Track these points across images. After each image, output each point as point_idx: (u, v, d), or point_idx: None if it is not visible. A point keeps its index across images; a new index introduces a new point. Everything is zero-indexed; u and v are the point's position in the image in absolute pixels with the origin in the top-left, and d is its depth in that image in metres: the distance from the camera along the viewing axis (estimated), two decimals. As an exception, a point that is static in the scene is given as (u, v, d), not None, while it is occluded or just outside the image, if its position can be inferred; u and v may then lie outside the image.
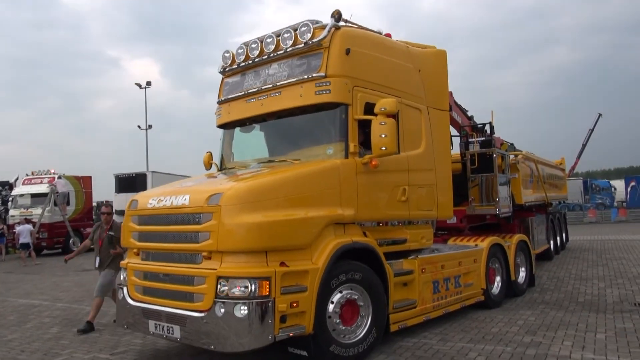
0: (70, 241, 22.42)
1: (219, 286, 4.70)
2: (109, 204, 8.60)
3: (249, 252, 4.80)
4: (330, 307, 5.17)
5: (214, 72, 7.05)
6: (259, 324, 4.57)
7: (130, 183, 28.94)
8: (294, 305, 4.77)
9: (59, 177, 23.82)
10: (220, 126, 6.99)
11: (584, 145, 45.80)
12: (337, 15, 5.84)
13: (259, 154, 6.76)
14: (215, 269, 4.76)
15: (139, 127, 42.36)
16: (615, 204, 43.78)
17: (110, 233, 7.63)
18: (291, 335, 4.78)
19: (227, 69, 6.74)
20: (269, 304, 4.61)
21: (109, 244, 7.62)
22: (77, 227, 23.47)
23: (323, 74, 5.70)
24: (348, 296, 5.35)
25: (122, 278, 5.94)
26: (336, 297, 5.24)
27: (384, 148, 5.47)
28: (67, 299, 10.38)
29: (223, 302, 4.64)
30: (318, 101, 5.77)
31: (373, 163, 5.70)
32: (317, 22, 5.95)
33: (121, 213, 26.20)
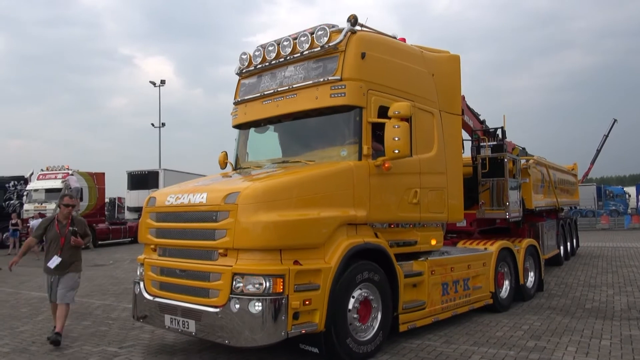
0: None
1: (234, 282, 4.83)
2: (72, 196, 7.20)
3: (264, 250, 4.92)
4: (351, 302, 5.35)
5: (228, 71, 7.36)
6: (273, 320, 4.68)
7: (143, 180, 29.33)
8: (307, 302, 4.89)
9: (72, 173, 24.15)
10: (235, 126, 7.11)
11: (598, 151, 45.29)
12: (353, 20, 5.97)
13: (272, 154, 6.87)
14: (231, 266, 4.89)
15: (153, 125, 42.84)
16: (629, 210, 43.19)
17: (74, 228, 6.60)
18: (303, 332, 4.89)
19: (244, 71, 6.85)
20: (283, 301, 4.73)
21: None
22: (90, 223, 23.65)
23: (339, 77, 5.82)
24: (365, 294, 5.52)
25: (138, 273, 6.10)
26: (357, 293, 5.40)
27: (396, 151, 5.61)
28: (78, 293, 10.47)
29: (238, 298, 4.77)
30: (333, 104, 5.88)
31: (386, 165, 5.81)
32: (333, 25, 6.06)
33: (133, 210, 26.49)
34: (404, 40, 7.07)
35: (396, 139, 5.56)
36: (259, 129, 6.96)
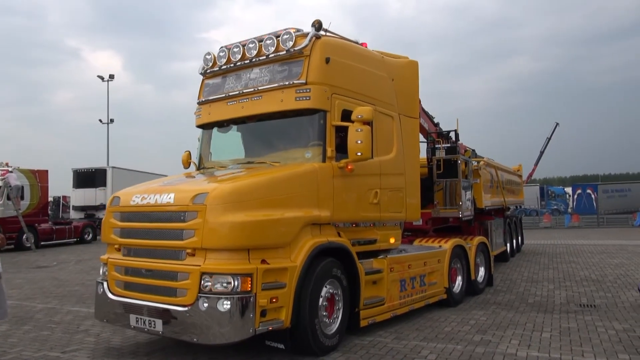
0: (24, 237, 21.62)
1: (202, 282, 4.89)
2: None
3: (232, 249, 4.99)
4: (319, 298, 5.53)
5: (180, 67, 7.33)
6: (241, 317, 4.79)
7: (89, 178, 28.24)
8: (274, 300, 5.03)
9: (12, 171, 22.93)
10: (199, 126, 7.14)
11: (541, 153, 47.35)
12: (317, 25, 6.14)
13: (235, 154, 6.97)
14: (200, 265, 4.94)
15: (101, 121, 41.36)
16: (570, 210, 45.49)
17: None
18: (270, 329, 5.02)
19: (208, 71, 6.90)
20: (251, 299, 4.84)
21: None
22: (32, 223, 22.62)
23: (304, 81, 5.96)
24: (331, 291, 5.74)
25: (101, 273, 6.05)
26: (323, 290, 5.60)
27: (359, 153, 5.81)
28: (19, 296, 10.04)
29: (207, 297, 4.83)
30: (298, 107, 6.02)
31: (349, 167, 6.03)
32: (298, 30, 6.17)
33: (79, 209, 25.45)
34: (365, 45, 7.23)
35: (359, 142, 5.77)
36: (222, 129, 7.01)
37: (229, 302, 4.77)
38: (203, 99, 6.99)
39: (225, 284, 4.84)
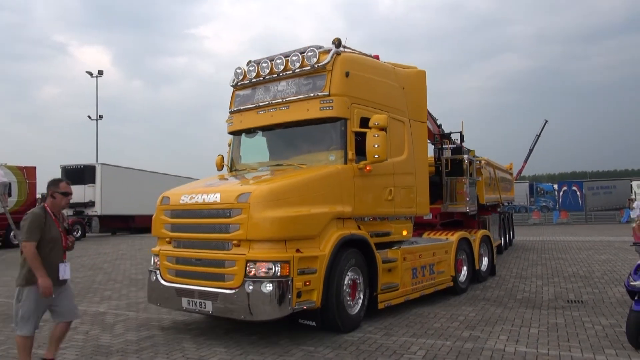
0: (11, 234, 21.40)
1: (247, 268, 5.65)
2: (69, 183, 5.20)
3: (272, 240, 5.78)
4: (344, 282, 6.28)
5: (169, 63, 7.34)
6: (281, 298, 5.55)
7: (78, 175, 27.96)
8: (307, 283, 5.81)
9: (-1, 167, 22.66)
10: (231, 132, 7.94)
11: (530, 150, 47.68)
12: (337, 42, 6.90)
13: (261, 157, 7.82)
14: (245, 254, 5.71)
15: (89, 117, 41.03)
16: (558, 206, 45.94)
17: (67, 225, 5.38)
18: (305, 308, 5.80)
19: (238, 83, 7.67)
20: (289, 282, 5.61)
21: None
22: (20, 220, 22.40)
23: (327, 93, 6.76)
24: (353, 277, 6.50)
25: (152, 263, 6.79)
26: (347, 275, 6.35)
27: (376, 156, 6.60)
28: (7, 293, 9.93)
29: (252, 281, 5.60)
30: (322, 115, 6.82)
31: (367, 168, 6.82)
32: (320, 47, 6.93)
33: (67, 206, 25.16)
34: (377, 57, 8.00)
35: (376, 146, 6.54)
36: (250, 134, 7.81)
37: (271, 285, 5.52)
38: (235, 109, 7.77)
39: (267, 270, 5.58)
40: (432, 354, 5.50)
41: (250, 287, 5.59)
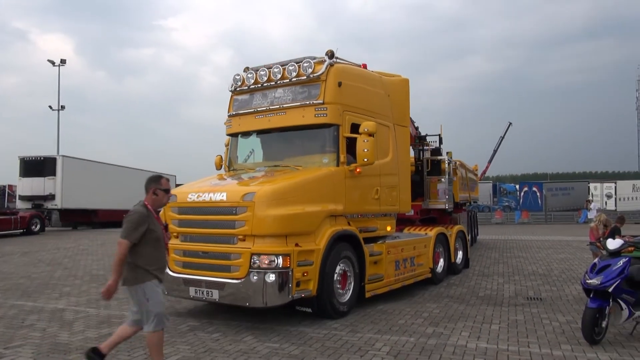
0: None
1: (252, 260, 6.20)
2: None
3: (274, 235, 6.35)
4: (335, 273, 6.89)
5: (135, 54, 7.28)
6: (282, 287, 6.14)
7: (38, 167, 27.03)
8: (305, 274, 6.42)
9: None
10: (229, 134, 8.46)
11: (494, 151, 48.92)
12: (330, 54, 7.52)
13: (256, 158, 8.34)
14: (250, 248, 6.29)
15: (51, 107, 39.68)
16: (519, 206, 47.25)
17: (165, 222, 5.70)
18: (303, 296, 6.42)
19: (237, 89, 8.19)
20: (289, 273, 6.20)
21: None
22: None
23: (321, 101, 7.33)
24: (344, 268, 7.13)
25: None
26: (338, 267, 6.97)
27: (365, 159, 7.20)
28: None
29: (257, 272, 6.16)
30: (317, 122, 7.40)
31: (357, 170, 7.42)
32: (314, 57, 7.53)
33: (26, 199, 24.43)
34: (365, 66, 8.56)
35: (365, 150, 7.13)
36: (245, 137, 8.35)
37: (273, 275, 6.09)
38: (233, 112, 8.28)
39: (270, 262, 6.14)
40: (397, 350, 5.57)
41: (255, 277, 6.14)
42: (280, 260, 6.15)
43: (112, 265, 4.44)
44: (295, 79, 7.51)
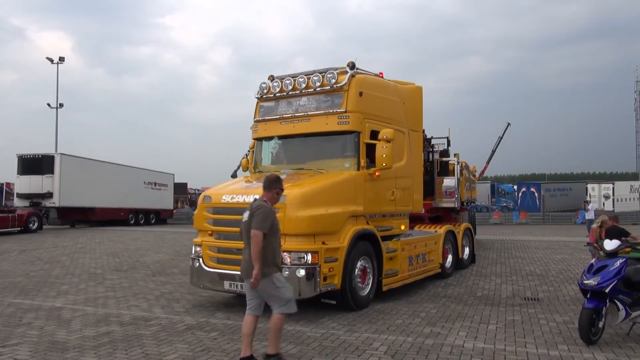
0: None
1: (283, 257, 6.44)
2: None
3: (304, 235, 6.90)
4: (356, 271, 7.45)
5: (133, 52, 7.33)
6: (311, 281, 6.70)
7: (36, 165, 26.99)
8: (331, 270, 6.96)
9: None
10: (255, 139, 9.00)
11: (493, 152, 48.84)
12: (351, 65, 8.03)
13: (279, 160, 8.90)
14: (281, 246, 6.22)
15: (49, 105, 39.63)
16: (517, 207, 47.29)
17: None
18: (329, 289, 6.99)
19: (263, 96, 8.70)
20: (317, 269, 6.75)
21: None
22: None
23: (344, 110, 7.87)
24: (364, 264, 7.67)
25: (194, 252, 7.78)
26: (359, 263, 7.53)
27: (384, 164, 7.74)
28: (-45, 287, 9.49)
29: (288, 267, 6.63)
30: (339, 129, 7.96)
31: (376, 174, 7.96)
32: (337, 68, 8.06)
33: (24, 196, 24.40)
34: (382, 75, 9.06)
35: (384, 155, 7.68)
36: (271, 141, 8.88)
37: (303, 270, 6.65)
38: (259, 118, 8.80)
39: (300, 258, 6.72)
40: (394, 349, 5.58)
41: (287, 273, 6.49)
42: (309, 257, 6.73)
43: (253, 255, 4.69)
44: (319, 89, 8.05)
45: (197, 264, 7.64)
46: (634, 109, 72.76)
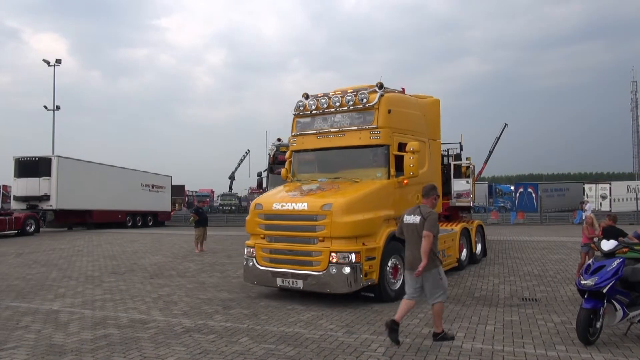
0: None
1: (331, 256, 7.76)
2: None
3: (348, 237, 7.87)
4: (388, 268, 8.38)
5: (129, 54, 7.29)
6: (355, 277, 7.70)
7: (33, 168, 26.91)
8: (370, 267, 7.95)
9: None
10: (294, 151, 9.99)
11: (490, 152, 49.00)
12: (380, 85, 9.08)
13: (312, 170, 9.92)
14: (329, 247, 7.85)
15: (46, 107, 39.57)
16: (515, 207, 47.37)
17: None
18: (369, 284, 7.98)
19: (300, 113, 9.71)
20: (360, 266, 7.75)
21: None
22: None
23: (375, 126, 8.90)
24: (395, 262, 8.56)
25: (246, 252, 8.83)
26: (390, 262, 8.42)
27: (411, 173, 8.73)
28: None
29: (335, 266, 7.73)
30: (371, 143, 8.99)
31: (405, 182, 8.97)
32: (368, 89, 9.07)
33: (21, 199, 24.30)
34: (403, 90, 10.21)
35: (411, 165, 8.65)
36: (308, 153, 9.86)
37: (348, 268, 7.65)
38: (297, 133, 9.82)
39: (345, 257, 7.69)
40: (392, 351, 5.58)
41: (334, 270, 7.68)
42: (353, 257, 7.68)
43: (423, 252, 5.72)
44: (352, 107, 9.04)
45: (251, 263, 8.67)
46: (630, 109, 72.99)
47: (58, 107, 39.74)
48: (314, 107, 9.47)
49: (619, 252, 6.03)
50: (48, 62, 38.95)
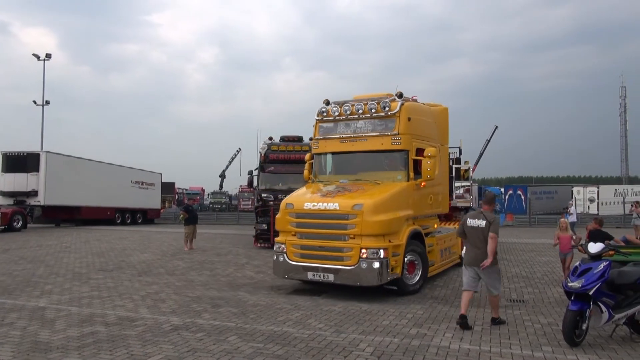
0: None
1: (361, 252, 8.34)
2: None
3: (376, 235, 8.48)
4: (406, 262, 8.96)
5: (120, 49, 7.16)
6: (383, 271, 8.28)
7: (21, 163, 26.62)
8: (395, 262, 8.58)
9: None
10: (317, 154, 10.56)
11: (480, 154, 49.36)
12: (399, 94, 9.72)
13: (334, 171, 10.48)
14: (359, 244, 8.43)
15: (35, 102, 39.11)
16: (504, 209, 47.65)
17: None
18: (395, 278, 8.62)
19: (323, 118, 10.27)
20: (387, 261, 8.35)
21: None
22: None
23: (397, 133, 9.52)
24: (412, 258, 9.19)
25: (275, 248, 9.32)
26: (406, 259, 8.96)
27: (429, 176, 9.44)
28: None
29: (365, 261, 8.29)
30: (393, 148, 9.62)
31: (422, 185, 9.69)
32: (388, 97, 9.72)
33: (8, 195, 23.93)
34: (415, 98, 10.69)
35: (428, 169, 9.31)
36: (330, 155, 10.49)
37: (378, 263, 8.23)
38: (320, 137, 10.40)
39: (374, 253, 8.27)
40: (380, 350, 5.60)
41: (364, 265, 8.27)
42: (382, 253, 8.28)
43: (490, 250, 6.67)
44: (375, 114, 9.61)
45: (282, 258, 9.16)
46: (619, 113, 73.80)
47: (47, 102, 39.33)
48: (337, 113, 10.04)
49: (606, 254, 6.10)
50: (38, 57, 38.52)
